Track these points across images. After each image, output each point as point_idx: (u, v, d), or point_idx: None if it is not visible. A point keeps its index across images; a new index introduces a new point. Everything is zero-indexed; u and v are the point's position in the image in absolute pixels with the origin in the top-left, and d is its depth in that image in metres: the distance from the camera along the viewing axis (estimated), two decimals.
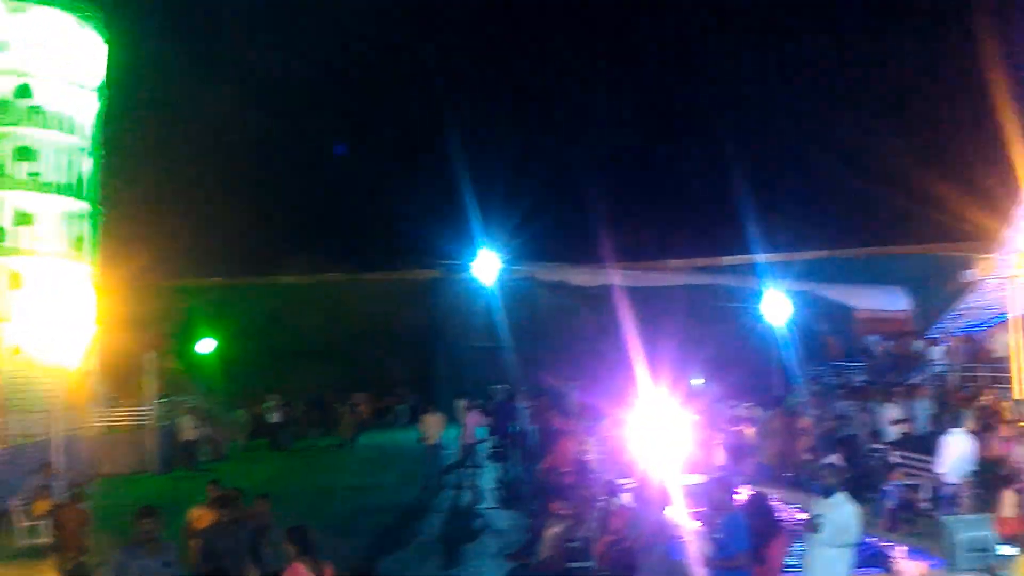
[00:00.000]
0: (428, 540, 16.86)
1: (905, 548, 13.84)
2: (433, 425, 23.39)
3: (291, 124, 62.98)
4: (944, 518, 13.94)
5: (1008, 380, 22.98)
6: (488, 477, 23.28)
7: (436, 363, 38.88)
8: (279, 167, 58.06)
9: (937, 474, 16.00)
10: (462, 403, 25.99)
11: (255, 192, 52.69)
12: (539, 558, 13.13)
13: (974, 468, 15.91)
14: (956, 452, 15.85)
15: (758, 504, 10.14)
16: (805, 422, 21.38)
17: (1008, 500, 13.74)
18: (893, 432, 19.13)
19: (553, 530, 13.20)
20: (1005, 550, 10.66)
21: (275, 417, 33.14)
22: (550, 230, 42.44)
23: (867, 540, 14.65)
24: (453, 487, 21.92)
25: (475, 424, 22.60)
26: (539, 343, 35.68)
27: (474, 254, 25.65)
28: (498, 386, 27.61)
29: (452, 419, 25.46)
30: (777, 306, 30.28)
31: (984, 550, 12.52)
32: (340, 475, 26.26)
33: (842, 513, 9.49)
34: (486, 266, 25.14)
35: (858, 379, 28.68)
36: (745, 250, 44.09)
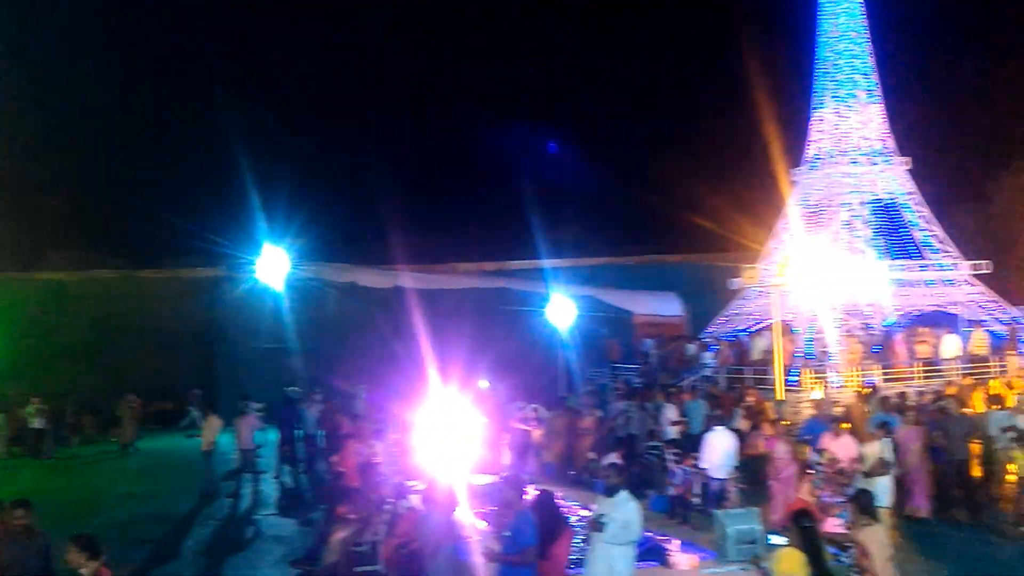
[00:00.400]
0: (202, 550, 16.02)
1: (679, 542, 14.49)
2: (210, 429, 22.33)
3: (57, 111, 58.61)
4: (715, 512, 14.74)
5: (771, 382, 24.71)
6: (271, 482, 22.47)
7: (218, 365, 37.22)
8: (46, 156, 53.81)
9: (703, 470, 16.89)
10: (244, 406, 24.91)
11: (17, 182, 48.78)
12: (324, 563, 12.76)
13: (736, 464, 16.93)
14: (720, 449, 16.81)
15: (545, 502, 10.26)
16: (587, 422, 22.04)
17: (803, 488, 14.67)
18: (672, 431, 20.05)
19: (339, 535, 12.86)
20: (775, 540, 11.30)
21: (38, 423, 30.55)
22: (340, 231, 41.78)
23: (644, 534, 15.27)
24: (231, 494, 20.97)
25: (251, 428, 21.72)
26: (327, 344, 34.94)
27: (259, 252, 24.65)
28: (287, 389, 26.73)
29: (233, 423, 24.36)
30: (562, 310, 31.14)
31: (752, 542, 13.32)
32: (113, 482, 24.56)
33: (625, 511, 9.74)
34: (272, 265, 24.21)
35: (636, 380, 29.92)
36: (532, 255, 45.22)
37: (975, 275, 36.82)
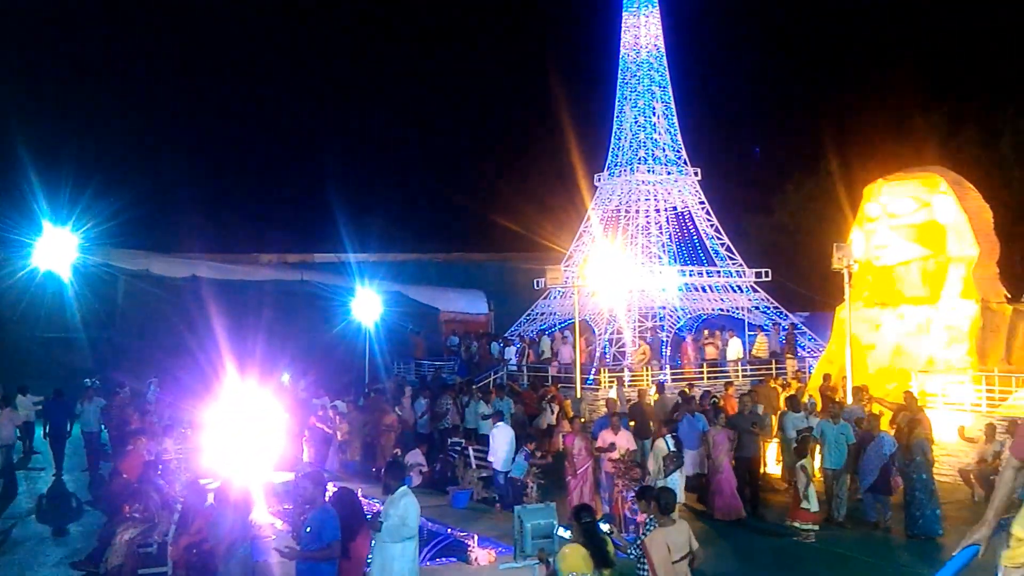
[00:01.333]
0: None
1: (477, 537, 14.64)
2: None
3: None
4: (515, 508, 14.98)
5: (571, 380, 25.47)
6: (46, 479, 21.00)
7: None
8: None
9: (489, 464, 17.13)
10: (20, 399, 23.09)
11: None
12: (108, 566, 12.04)
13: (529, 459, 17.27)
14: (502, 444, 17.15)
15: (345, 499, 10.10)
16: (391, 418, 21.93)
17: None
18: (485, 427, 20.20)
19: (124, 535, 12.19)
20: (563, 534, 11.57)
21: None
22: (133, 215, 39.54)
23: (444, 530, 15.34)
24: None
25: (11, 422, 20.25)
26: (117, 335, 33.06)
27: (40, 234, 22.92)
28: (87, 380, 24.97)
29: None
30: (368, 305, 30.85)
31: (548, 536, 13.62)
32: None
33: (400, 507, 9.64)
34: (54, 249, 22.58)
35: (443, 376, 30.05)
36: (338, 248, 44.53)
37: (758, 282, 39.39)
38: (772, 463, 19.59)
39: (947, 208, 24.03)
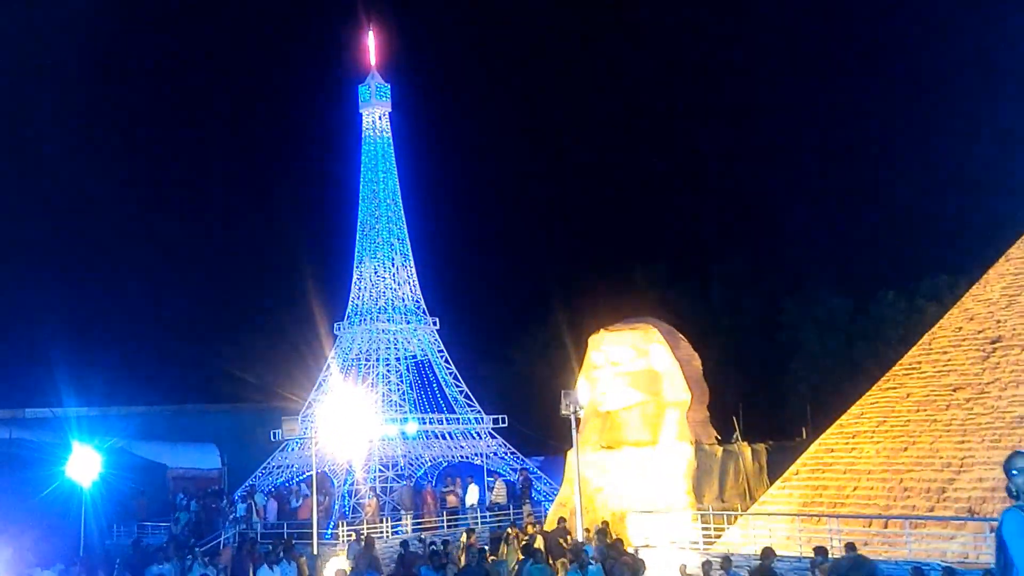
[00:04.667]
0: None
1: None
2: None
3: None
4: None
5: (309, 535, 24.56)
6: None
7: None
8: None
9: None
10: None
11: None
12: None
13: None
14: None
15: None
16: None
17: None
18: None
19: None
20: None
21: None
22: None
23: None
24: None
25: None
26: None
27: None
28: None
29: None
30: (85, 464, 28.46)
31: None
32: None
33: None
34: None
35: (172, 536, 28.00)
36: (53, 402, 41.09)
37: (496, 428, 40.38)
38: None
39: (661, 357, 26.04)
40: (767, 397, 47.38)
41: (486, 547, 22.68)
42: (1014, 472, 5.46)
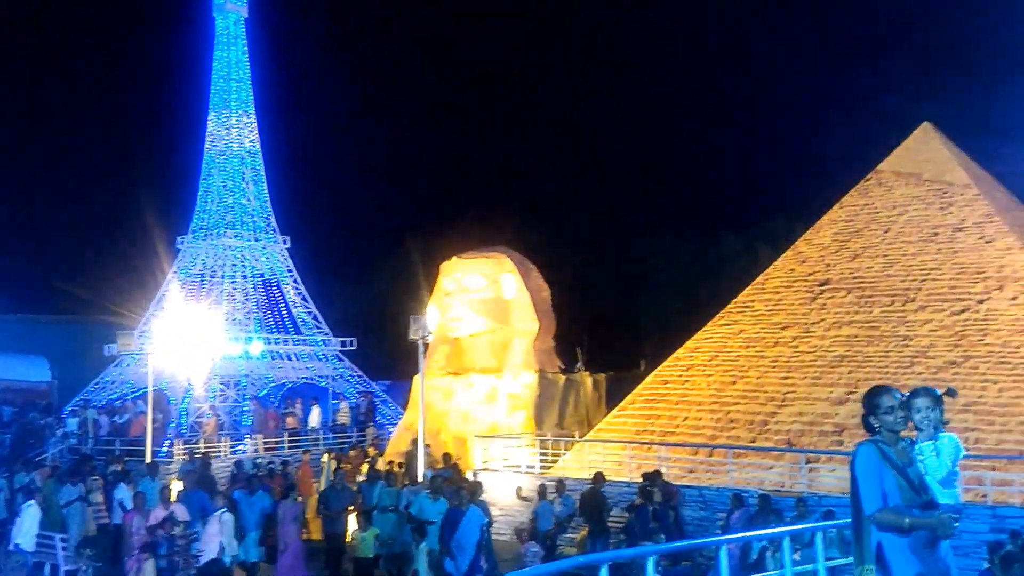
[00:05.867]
0: None
1: None
2: None
3: None
4: None
5: (142, 453, 23.85)
6: None
7: None
8: None
9: (17, 546, 15.56)
10: None
11: None
12: None
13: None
14: (28, 523, 15.69)
15: None
16: None
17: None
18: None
19: None
20: None
21: None
22: None
23: None
24: None
25: None
26: None
27: None
28: None
29: None
30: None
31: None
32: None
33: None
34: None
35: None
36: None
37: (344, 351, 40.05)
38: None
39: (512, 286, 26.37)
40: (612, 330, 48.74)
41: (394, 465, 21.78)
42: (884, 411, 5.23)
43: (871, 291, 22.96)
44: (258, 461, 24.13)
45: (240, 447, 27.17)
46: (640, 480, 18.02)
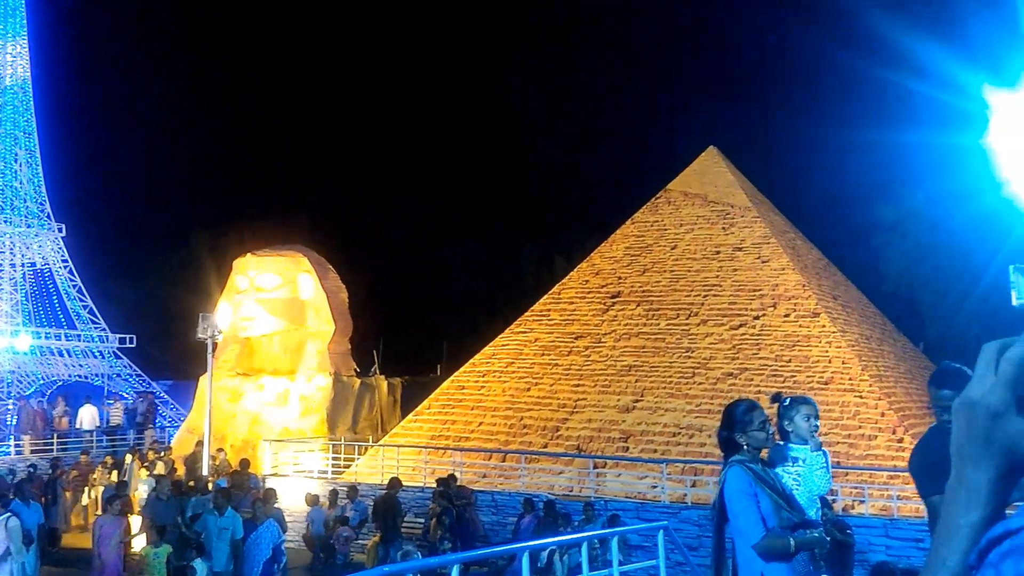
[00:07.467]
0: None
1: None
2: None
3: None
4: None
5: None
6: None
7: None
8: None
9: None
10: None
11: None
12: None
13: None
14: None
15: None
16: None
17: None
18: None
19: None
20: None
21: None
22: None
23: None
24: None
25: None
26: None
27: None
28: None
29: None
30: None
31: None
32: None
33: None
34: None
35: None
36: None
37: (122, 348, 37.77)
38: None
39: (309, 286, 25.74)
40: (410, 334, 48.66)
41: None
42: (756, 427, 4.86)
43: (658, 304, 24.05)
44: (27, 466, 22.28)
45: (2, 448, 24.98)
46: (434, 485, 18.01)
